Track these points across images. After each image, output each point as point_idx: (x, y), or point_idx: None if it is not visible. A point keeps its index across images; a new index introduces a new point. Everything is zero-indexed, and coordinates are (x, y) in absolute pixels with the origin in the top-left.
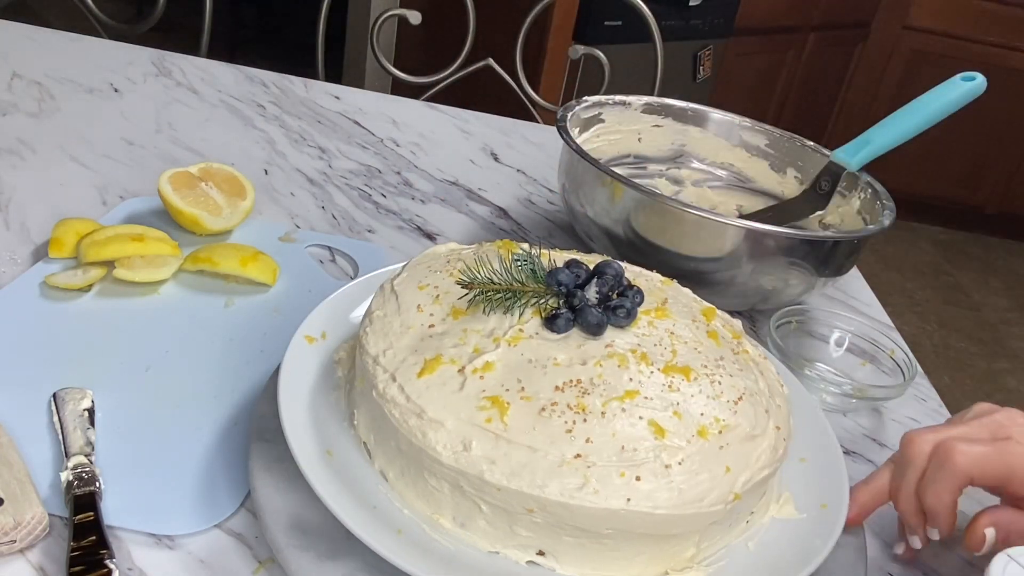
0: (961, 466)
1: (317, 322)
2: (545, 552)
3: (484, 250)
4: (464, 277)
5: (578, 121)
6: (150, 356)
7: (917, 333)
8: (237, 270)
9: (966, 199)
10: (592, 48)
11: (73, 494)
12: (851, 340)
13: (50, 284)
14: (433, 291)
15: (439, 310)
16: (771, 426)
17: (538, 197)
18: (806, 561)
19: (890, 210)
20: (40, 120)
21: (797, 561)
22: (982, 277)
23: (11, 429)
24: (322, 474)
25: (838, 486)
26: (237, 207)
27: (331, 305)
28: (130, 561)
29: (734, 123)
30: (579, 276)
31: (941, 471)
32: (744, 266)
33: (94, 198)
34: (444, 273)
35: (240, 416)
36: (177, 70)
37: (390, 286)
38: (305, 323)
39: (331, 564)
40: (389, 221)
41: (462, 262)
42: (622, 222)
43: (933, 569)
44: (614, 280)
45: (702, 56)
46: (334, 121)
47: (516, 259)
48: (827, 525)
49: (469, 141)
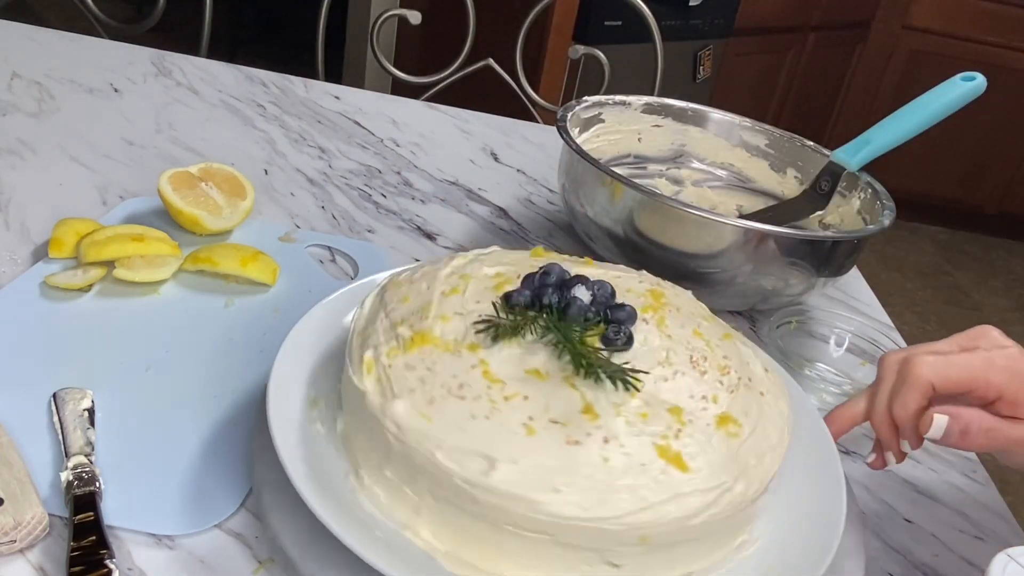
0: (922, 375)
1: (309, 328)
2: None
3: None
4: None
5: (578, 121)
6: (150, 356)
7: (917, 333)
8: (237, 270)
9: (966, 199)
10: (592, 48)
11: (73, 494)
12: (851, 340)
13: (50, 284)
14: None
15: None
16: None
17: (538, 197)
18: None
19: (890, 210)
20: (40, 120)
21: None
22: (982, 277)
23: (11, 429)
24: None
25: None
26: (237, 207)
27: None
28: (130, 561)
29: (734, 123)
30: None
31: (905, 383)
32: (744, 266)
33: (94, 198)
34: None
35: (240, 416)
36: (177, 70)
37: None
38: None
39: (333, 564)
40: (389, 221)
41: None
42: (622, 222)
43: (933, 569)
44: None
45: (702, 56)
46: (334, 121)
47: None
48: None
49: (469, 141)
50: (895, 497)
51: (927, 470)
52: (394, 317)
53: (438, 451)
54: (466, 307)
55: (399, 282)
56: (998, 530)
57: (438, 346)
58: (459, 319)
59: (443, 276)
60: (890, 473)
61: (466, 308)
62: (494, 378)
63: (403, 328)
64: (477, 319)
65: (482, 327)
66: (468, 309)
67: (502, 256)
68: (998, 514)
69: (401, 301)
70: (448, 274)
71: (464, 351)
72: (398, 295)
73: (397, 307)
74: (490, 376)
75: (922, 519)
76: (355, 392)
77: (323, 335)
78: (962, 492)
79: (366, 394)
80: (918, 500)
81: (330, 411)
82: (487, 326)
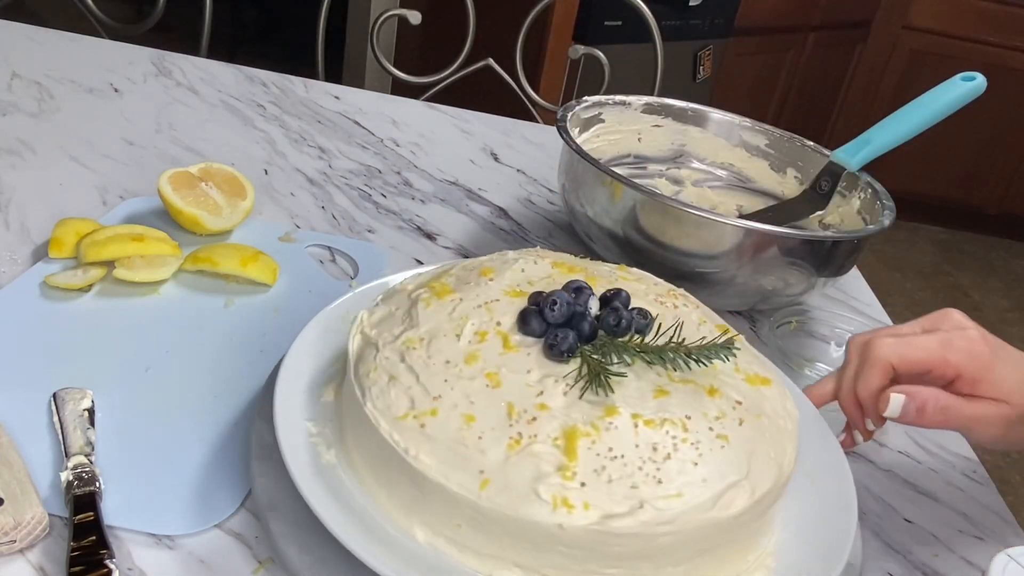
0: (882, 355)
1: (312, 334)
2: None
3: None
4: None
5: (578, 121)
6: (150, 356)
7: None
8: (237, 270)
9: (966, 199)
10: (592, 48)
11: (73, 494)
12: None
13: (50, 284)
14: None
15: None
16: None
17: (538, 197)
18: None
19: (890, 210)
20: (40, 120)
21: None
22: (982, 277)
23: (11, 429)
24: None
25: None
26: (237, 207)
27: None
28: (130, 561)
29: (734, 123)
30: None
31: (866, 363)
32: (744, 266)
33: (94, 198)
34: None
35: (240, 416)
36: (177, 70)
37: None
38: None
39: (333, 564)
40: (389, 221)
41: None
42: (622, 222)
43: (933, 569)
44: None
45: (702, 56)
46: (334, 121)
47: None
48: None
49: (469, 141)
50: (895, 497)
51: (927, 470)
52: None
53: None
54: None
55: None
56: (998, 530)
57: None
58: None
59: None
60: (890, 473)
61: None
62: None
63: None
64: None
65: (581, 384)
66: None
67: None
68: (998, 514)
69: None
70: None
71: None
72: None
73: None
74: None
75: (922, 519)
76: (359, 412)
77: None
78: (962, 492)
79: (379, 428)
80: (918, 500)
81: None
82: (585, 383)
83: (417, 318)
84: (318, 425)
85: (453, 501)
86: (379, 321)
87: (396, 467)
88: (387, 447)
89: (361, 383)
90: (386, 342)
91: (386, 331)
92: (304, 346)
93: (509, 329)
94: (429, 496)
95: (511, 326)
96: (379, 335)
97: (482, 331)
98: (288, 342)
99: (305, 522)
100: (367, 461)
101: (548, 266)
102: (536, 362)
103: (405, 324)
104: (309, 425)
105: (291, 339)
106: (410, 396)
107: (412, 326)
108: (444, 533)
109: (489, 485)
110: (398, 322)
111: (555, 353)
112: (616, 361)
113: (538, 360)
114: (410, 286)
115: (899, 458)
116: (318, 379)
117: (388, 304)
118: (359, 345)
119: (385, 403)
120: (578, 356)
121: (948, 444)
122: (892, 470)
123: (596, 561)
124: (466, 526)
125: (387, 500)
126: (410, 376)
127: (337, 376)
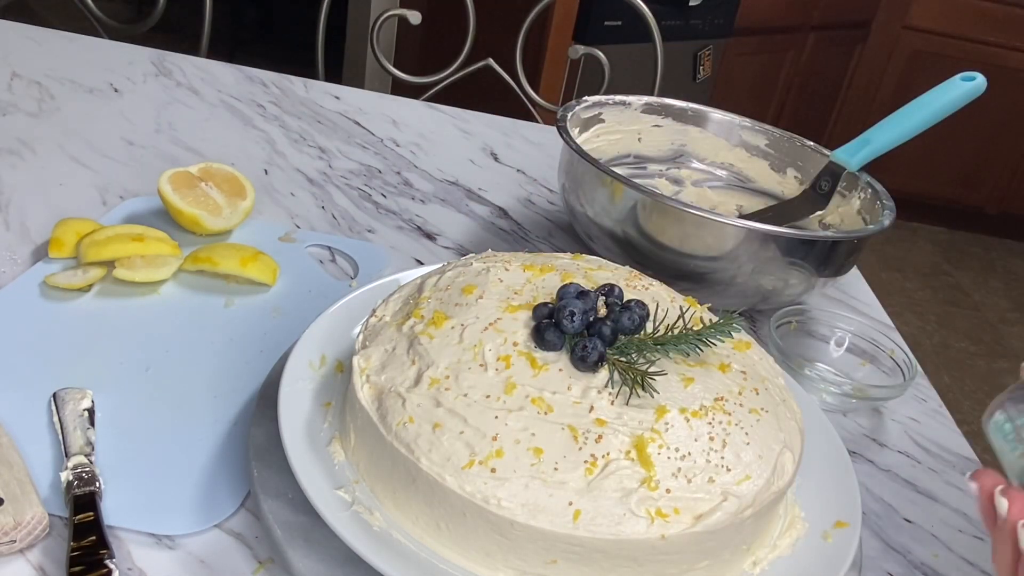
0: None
1: (315, 339)
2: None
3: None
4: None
5: (578, 121)
6: (150, 356)
7: (917, 333)
8: (237, 270)
9: (966, 199)
10: (592, 48)
11: (73, 494)
12: (851, 340)
13: (50, 284)
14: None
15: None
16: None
17: (538, 197)
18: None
19: (890, 210)
20: (40, 120)
21: None
22: (982, 277)
23: (11, 429)
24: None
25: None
26: (237, 207)
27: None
28: (130, 561)
29: (734, 123)
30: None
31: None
32: (744, 266)
33: (94, 198)
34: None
35: (240, 416)
36: (177, 70)
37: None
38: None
39: (333, 564)
40: (389, 221)
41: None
42: (622, 222)
43: (933, 569)
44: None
45: (702, 56)
46: (334, 121)
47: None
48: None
49: (469, 141)
50: (895, 497)
51: (927, 470)
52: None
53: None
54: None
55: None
56: None
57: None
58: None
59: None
60: (890, 473)
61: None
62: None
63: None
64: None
65: (623, 390)
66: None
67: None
68: None
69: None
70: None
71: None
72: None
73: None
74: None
75: (922, 519)
76: (368, 421)
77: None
78: (962, 492)
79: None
80: (918, 500)
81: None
82: (630, 389)
83: (426, 354)
84: (348, 492)
85: (546, 538)
86: (382, 365)
87: (473, 517)
88: (459, 500)
89: (402, 438)
90: (407, 387)
91: (397, 374)
92: (313, 338)
93: (527, 347)
94: (517, 539)
95: (526, 343)
96: (391, 380)
97: (504, 355)
98: (288, 342)
99: (306, 522)
100: (429, 517)
101: (520, 270)
102: (570, 376)
103: (416, 363)
104: (340, 494)
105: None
106: (466, 441)
107: (427, 364)
108: (534, 571)
109: (582, 515)
110: (405, 362)
111: (587, 365)
112: (642, 360)
113: (570, 373)
114: (388, 318)
115: (899, 458)
116: (316, 421)
117: (379, 344)
118: (371, 395)
119: (442, 455)
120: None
121: (948, 444)
122: (892, 470)
123: (689, 561)
124: (562, 560)
125: (461, 553)
126: (456, 420)
127: (336, 429)
